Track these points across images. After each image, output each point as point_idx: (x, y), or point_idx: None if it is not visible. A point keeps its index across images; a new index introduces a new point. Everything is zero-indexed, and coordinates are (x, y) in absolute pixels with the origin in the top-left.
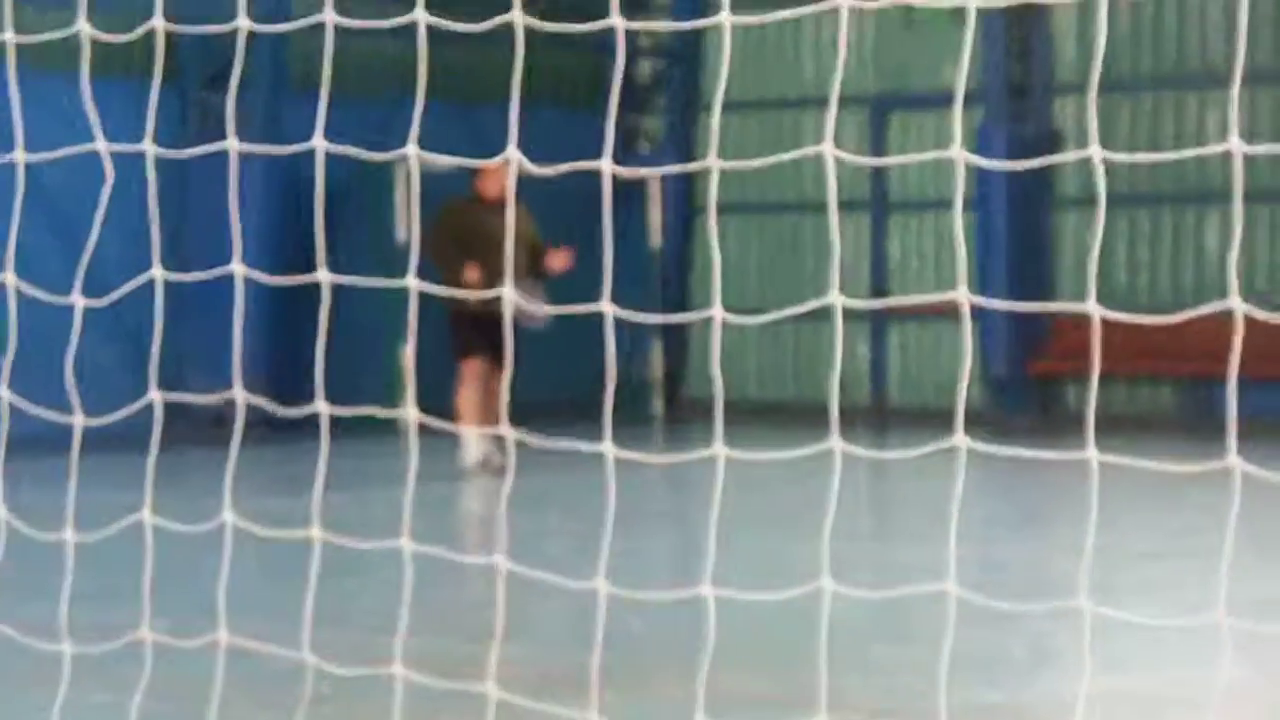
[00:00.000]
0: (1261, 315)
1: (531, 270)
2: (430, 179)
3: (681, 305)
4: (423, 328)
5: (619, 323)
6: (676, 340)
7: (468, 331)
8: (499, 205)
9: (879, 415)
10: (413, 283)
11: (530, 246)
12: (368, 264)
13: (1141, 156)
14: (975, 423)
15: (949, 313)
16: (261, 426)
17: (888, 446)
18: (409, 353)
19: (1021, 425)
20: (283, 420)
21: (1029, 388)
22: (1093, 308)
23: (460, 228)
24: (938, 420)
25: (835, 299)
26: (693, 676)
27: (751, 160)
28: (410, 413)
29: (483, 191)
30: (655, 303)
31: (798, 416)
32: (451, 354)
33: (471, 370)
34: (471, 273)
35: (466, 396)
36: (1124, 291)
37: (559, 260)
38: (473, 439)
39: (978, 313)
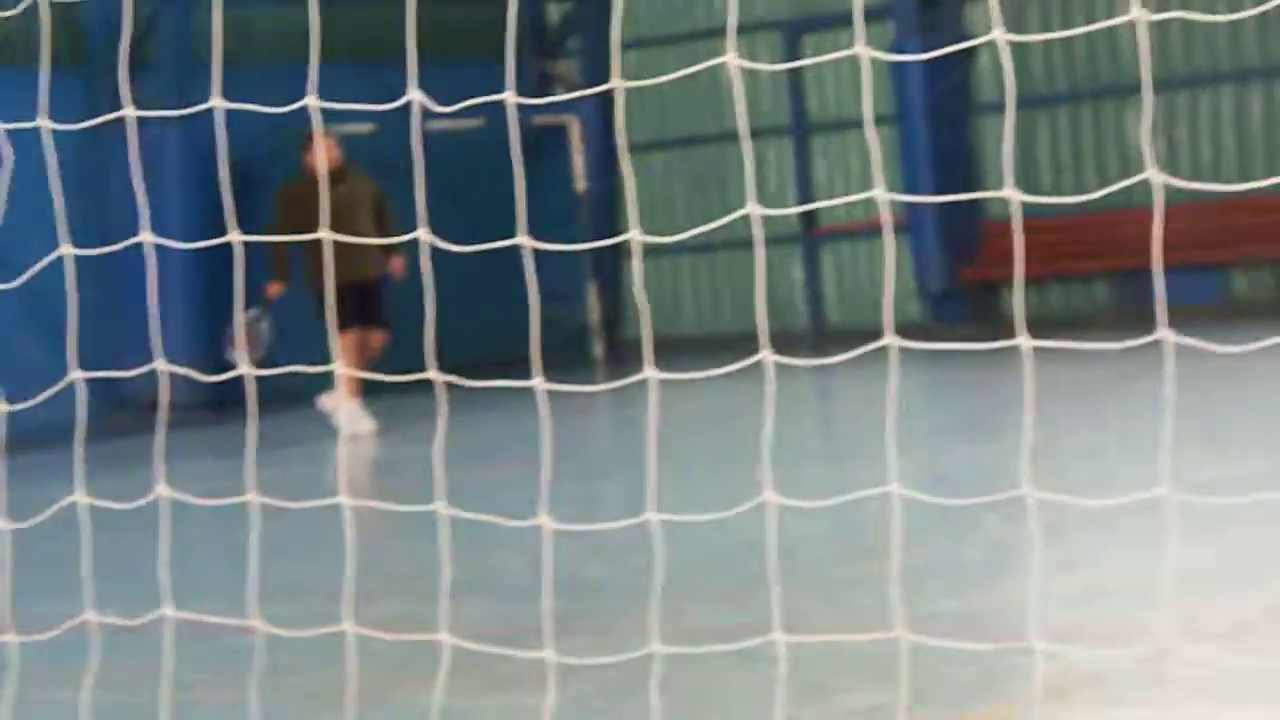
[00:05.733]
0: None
1: (381, 231)
2: (347, 143)
3: (614, 247)
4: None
5: (551, 268)
6: (611, 283)
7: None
8: (334, 176)
9: (818, 337)
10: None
11: (378, 210)
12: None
13: (1042, 36)
14: (913, 336)
15: (879, 229)
16: (202, 410)
17: (829, 367)
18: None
19: (959, 335)
20: (221, 402)
21: (964, 297)
22: (1010, 193)
23: (299, 212)
24: (876, 338)
25: (753, 208)
26: (656, 616)
27: (665, 92)
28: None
29: (313, 166)
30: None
31: (737, 347)
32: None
33: (349, 341)
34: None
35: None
36: (1050, 192)
37: (398, 267)
38: (354, 409)
39: (908, 226)
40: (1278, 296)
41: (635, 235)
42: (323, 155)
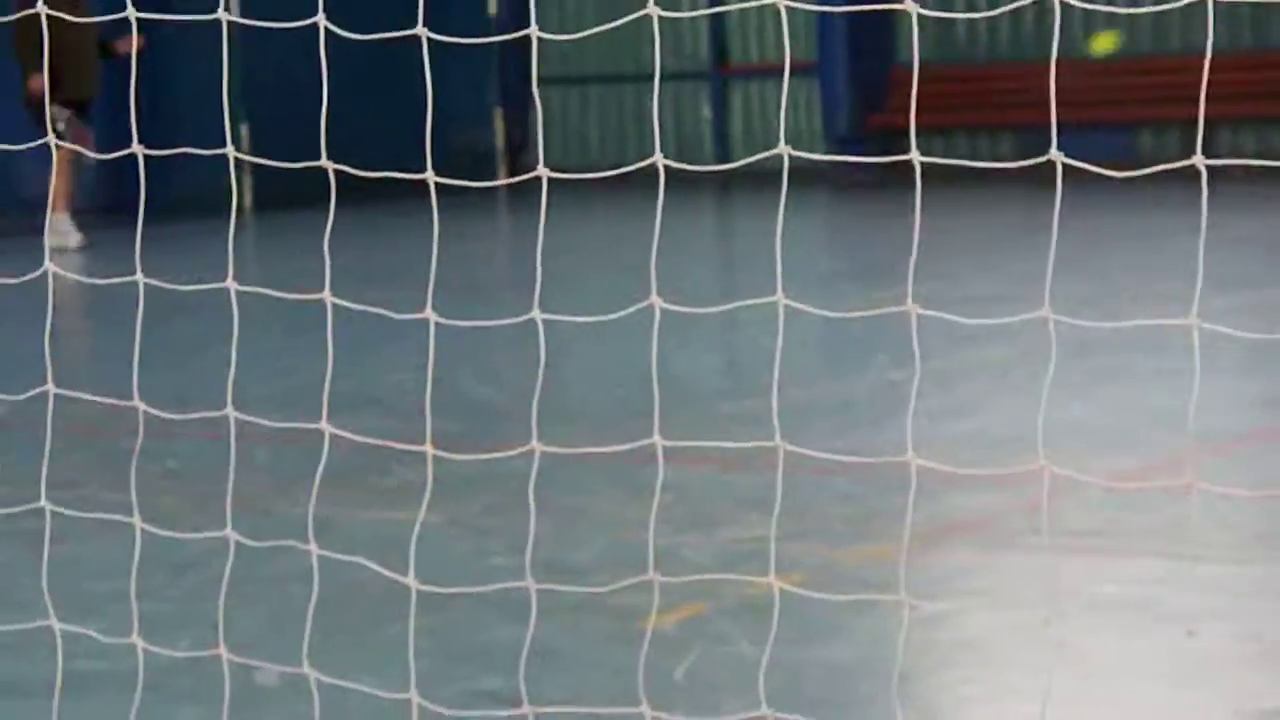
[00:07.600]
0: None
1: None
2: None
3: (523, 73)
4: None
5: (456, 91)
6: (519, 109)
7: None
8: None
9: (723, 176)
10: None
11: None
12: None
13: None
14: (817, 180)
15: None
16: None
17: (733, 205)
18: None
19: (864, 182)
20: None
21: (870, 143)
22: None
23: (35, 32)
24: (782, 180)
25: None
26: (538, 437)
27: None
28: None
29: None
30: (494, 71)
31: (645, 182)
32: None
33: (64, 157)
34: (36, 81)
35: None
36: (965, 42)
37: (125, 45)
38: (69, 225)
39: (817, 69)
40: (1182, 157)
41: (534, 31)
42: None
